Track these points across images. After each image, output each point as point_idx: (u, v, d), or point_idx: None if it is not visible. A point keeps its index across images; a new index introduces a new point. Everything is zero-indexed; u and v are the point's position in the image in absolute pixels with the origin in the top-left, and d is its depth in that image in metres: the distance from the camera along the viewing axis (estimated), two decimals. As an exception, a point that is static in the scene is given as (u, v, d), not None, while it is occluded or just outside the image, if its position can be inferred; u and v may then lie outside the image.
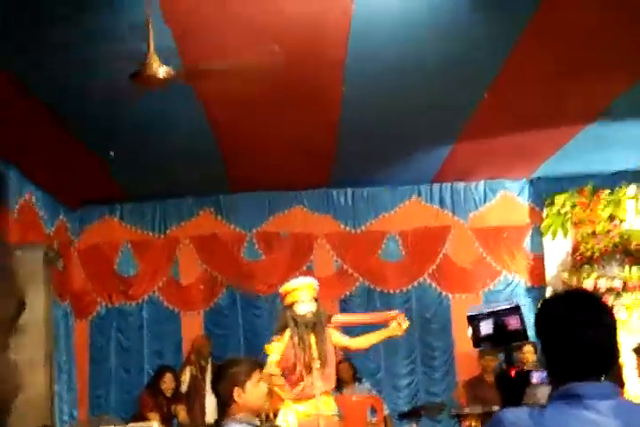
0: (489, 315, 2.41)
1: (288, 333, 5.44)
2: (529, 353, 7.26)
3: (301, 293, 5.51)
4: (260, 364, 4.02)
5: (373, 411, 7.62)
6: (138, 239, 8.53)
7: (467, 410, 7.21)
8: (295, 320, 5.43)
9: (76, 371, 8.17)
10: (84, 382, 8.23)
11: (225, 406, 3.58)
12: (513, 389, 2.26)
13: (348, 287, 8.46)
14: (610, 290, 8.00)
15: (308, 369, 5.34)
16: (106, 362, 8.34)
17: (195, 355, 7.73)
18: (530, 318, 7.15)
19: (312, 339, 5.38)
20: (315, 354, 5.37)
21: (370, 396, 7.66)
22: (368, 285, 8.51)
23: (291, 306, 5.48)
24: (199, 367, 7.63)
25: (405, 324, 5.73)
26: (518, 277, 8.54)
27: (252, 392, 3.61)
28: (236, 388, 3.56)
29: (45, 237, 7.36)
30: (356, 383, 7.80)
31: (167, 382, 7.32)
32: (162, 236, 8.54)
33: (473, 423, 7.20)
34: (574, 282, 8.06)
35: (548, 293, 8.14)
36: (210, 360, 7.66)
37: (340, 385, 7.77)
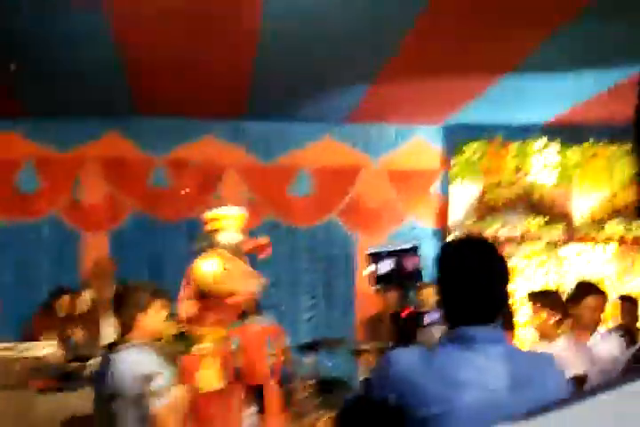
0: (388, 254, 2.43)
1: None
2: (428, 295, 7.43)
3: (228, 221, 5.36)
4: (161, 290, 3.99)
5: (273, 343, 7.70)
6: (40, 155, 8.20)
7: (364, 346, 7.37)
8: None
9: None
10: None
11: (124, 330, 3.55)
12: (405, 329, 2.30)
13: (255, 220, 8.43)
14: (510, 239, 8.23)
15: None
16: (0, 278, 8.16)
17: (96, 277, 7.60)
18: (431, 262, 7.34)
19: None
20: None
21: (270, 326, 7.72)
22: (275, 218, 8.50)
23: (213, 233, 5.30)
24: (100, 290, 7.53)
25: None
26: (424, 222, 8.68)
27: (153, 317, 3.60)
28: (139, 313, 3.53)
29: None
30: (258, 316, 7.85)
31: (63, 304, 7.20)
32: (66, 154, 8.21)
33: (370, 359, 7.38)
34: (477, 230, 8.25)
35: (451, 237, 8.32)
36: (112, 283, 7.56)
37: (241, 316, 7.81)
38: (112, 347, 3.58)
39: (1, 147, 8.12)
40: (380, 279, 2.42)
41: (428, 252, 8.26)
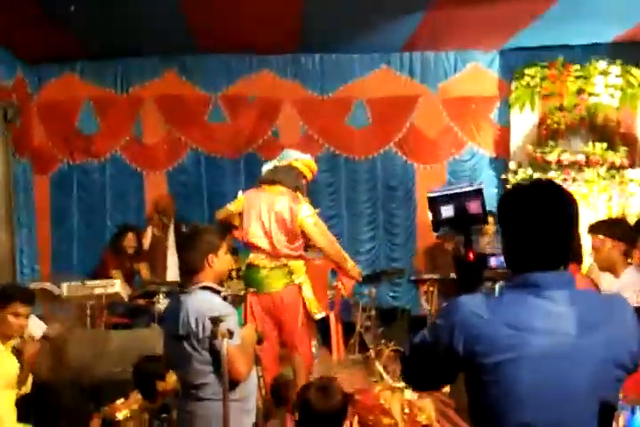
0: (450, 197, 2.37)
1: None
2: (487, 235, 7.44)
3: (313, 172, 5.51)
4: (228, 230, 4.09)
5: (334, 274, 7.79)
6: (99, 96, 8.33)
7: (425, 276, 7.41)
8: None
9: (36, 227, 8.21)
10: (45, 238, 8.27)
11: (192, 272, 3.60)
12: (470, 272, 2.27)
13: (313, 153, 8.41)
14: (573, 164, 8.07)
15: None
16: (68, 219, 8.34)
17: (157, 214, 7.72)
18: (491, 190, 7.29)
19: None
20: None
21: (331, 259, 7.79)
22: (333, 151, 8.49)
23: (301, 176, 5.43)
24: (162, 226, 7.66)
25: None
26: (483, 149, 8.57)
27: (223, 260, 3.65)
28: (211, 255, 3.58)
29: (3, 94, 7.16)
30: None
31: (129, 241, 7.36)
32: (124, 94, 8.35)
33: (430, 288, 7.43)
34: (538, 155, 8.11)
35: (512, 165, 8.20)
36: (173, 219, 7.70)
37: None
38: (181, 287, 3.65)
39: (61, 89, 8.26)
40: (443, 224, 2.36)
41: (488, 179, 8.25)
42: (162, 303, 6.31)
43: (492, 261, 2.26)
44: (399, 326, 7.46)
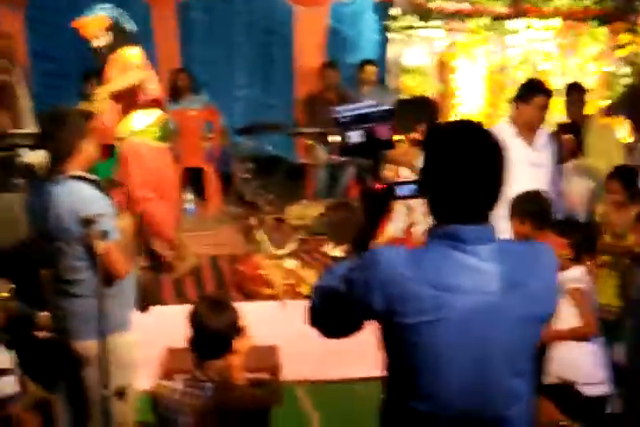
0: (358, 119, 2.14)
1: None
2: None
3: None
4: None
5: (210, 124, 7.52)
6: None
7: (304, 129, 7.23)
8: None
9: None
10: None
11: (59, 159, 3.31)
12: (378, 203, 2.12)
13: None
14: (456, 13, 7.87)
15: None
16: None
17: None
18: (373, 36, 6.99)
19: None
20: None
21: (206, 109, 7.51)
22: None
23: None
24: (6, 71, 6.85)
25: None
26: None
27: (93, 146, 3.39)
28: (83, 139, 3.31)
29: None
30: (193, 95, 7.58)
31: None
32: None
33: (308, 142, 7.30)
34: (422, 2, 7.83)
35: (393, 12, 7.89)
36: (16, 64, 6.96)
37: (176, 97, 7.53)
38: (46, 175, 3.33)
39: None
40: (350, 150, 2.14)
41: (370, 25, 7.99)
42: (26, 156, 5.98)
43: (399, 190, 2.08)
44: (277, 175, 7.34)
